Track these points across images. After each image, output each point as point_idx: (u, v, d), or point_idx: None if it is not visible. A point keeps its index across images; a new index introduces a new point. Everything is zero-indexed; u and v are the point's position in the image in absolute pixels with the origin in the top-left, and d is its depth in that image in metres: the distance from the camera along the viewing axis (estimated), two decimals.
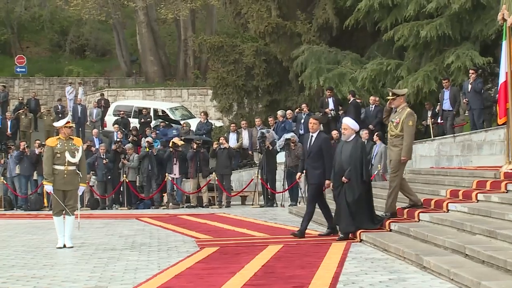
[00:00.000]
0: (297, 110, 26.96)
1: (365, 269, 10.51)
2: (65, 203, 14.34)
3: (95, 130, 31.86)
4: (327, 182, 14.33)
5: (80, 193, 14.82)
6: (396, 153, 14.26)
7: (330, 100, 25.44)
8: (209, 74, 34.37)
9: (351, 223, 13.81)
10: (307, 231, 14.54)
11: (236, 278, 9.94)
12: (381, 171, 21.85)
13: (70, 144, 14.48)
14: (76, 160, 14.38)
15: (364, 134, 22.71)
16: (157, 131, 29.66)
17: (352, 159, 13.80)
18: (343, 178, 13.80)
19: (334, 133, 23.48)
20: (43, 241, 15.79)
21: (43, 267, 11.73)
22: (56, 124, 15.31)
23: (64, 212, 14.35)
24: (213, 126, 30.88)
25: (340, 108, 25.32)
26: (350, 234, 13.89)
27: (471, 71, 21.61)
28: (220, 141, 25.01)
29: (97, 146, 27.04)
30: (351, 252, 12.30)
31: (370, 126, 23.58)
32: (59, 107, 37.88)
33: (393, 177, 14.31)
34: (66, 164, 14.31)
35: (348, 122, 14.27)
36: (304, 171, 14.95)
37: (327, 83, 25.97)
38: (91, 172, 24.89)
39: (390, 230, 13.60)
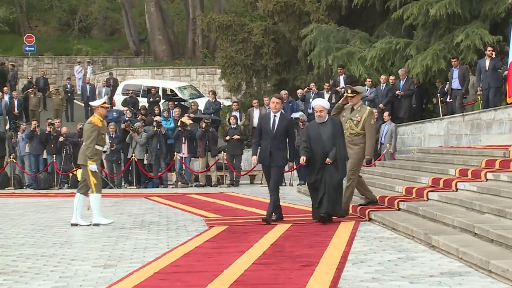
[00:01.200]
0: (305, 89, 26.89)
1: (373, 248, 10.51)
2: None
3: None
4: (290, 164, 14.40)
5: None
6: (356, 151, 14.24)
7: (341, 78, 25.36)
8: (217, 53, 34.29)
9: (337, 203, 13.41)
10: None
11: (245, 257, 9.95)
12: (390, 150, 21.82)
13: (105, 126, 14.83)
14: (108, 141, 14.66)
15: (374, 113, 22.70)
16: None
17: (336, 139, 13.38)
18: (328, 159, 13.28)
19: None
20: (52, 219, 15.84)
21: (53, 246, 11.76)
22: (92, 103, 15.40)
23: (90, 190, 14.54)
24: (221, 105, 30.84)
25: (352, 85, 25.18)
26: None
27: (489, 49, 21.39)
28: (231, 121, 25.06)
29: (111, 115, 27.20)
30: (359, 231, 12.30)
31: (380, 105, 23.51)
32: (68, 86, 37.88)
33: (351, 175, 14.23)
34: (105, 144, 14.78)
35: (323, 103, 13.83)
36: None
37: (336, 62, 25.89)
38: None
39: (399, 209, 13.59)
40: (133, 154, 24.91)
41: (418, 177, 15.92)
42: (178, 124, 25.28)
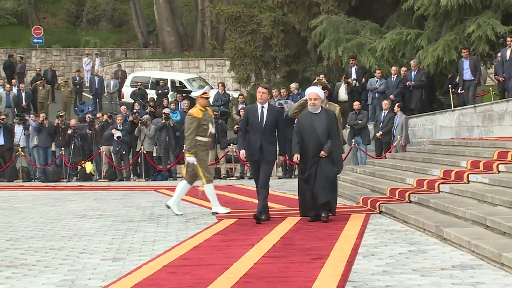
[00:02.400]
0: (315, 81, 26.80)
1: (384, 241, 10.49)
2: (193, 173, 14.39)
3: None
4: (281, 158, 13.47)
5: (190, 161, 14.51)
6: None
7: (353, 69, 25.30)
8: (226, 44, 34.29)
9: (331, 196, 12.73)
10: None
11: (255, 250, 9.94)
12: (401, 142, 21.77)
13: (208, 115, 14.38)
14: (214, 131, 14.33)
15: (385, 104, 22.67)
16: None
17: (331, 131, 12.76)
18: (322, 152, 12.65)
19: (356, 104, 23.43)
20: (61, 212, 15.86)
21: (61, 239, 11.78)
22: (193, 94, 15.10)
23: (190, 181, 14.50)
24: (230, 97, 30.83)
25: (364, 76, 25.12)
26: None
27: (508, 39, 21.25)
28: (240, 113, 25.01)
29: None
30: (370, 224, 12.28)
31: (391, 96, 23.45)
32: (77, 78, 37.91)
33: None
34: (208, 135, 14.35)
35: (317, 91, 13.17)
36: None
37: (346, 53, 25.82)
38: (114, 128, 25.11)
39: (410, 202, 13.56)
40: (142, 147, 24.92)
41: (429, 169, 15.87)
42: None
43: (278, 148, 13.37)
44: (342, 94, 25.26)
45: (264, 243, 10.50)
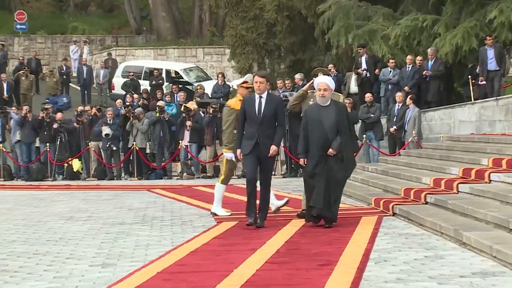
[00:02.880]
0: (316, 69, 26.73)
1: (398, 246, 10.49)
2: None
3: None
4: (273, 148, 12.59)
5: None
6: None
7: (363, 59, 25.28)
8: (226, 31, 34.26)
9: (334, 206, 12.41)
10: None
11: (257, 255, 9.94)
12: (416, 138, 21.76)
13: None
14: None
15: (399, 96, 22.66)
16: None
17: (342, 127, 12.33)
18: (330, 150, 12.25)
19: (368, 96, 23.41)
20: (46, 214, 15.87)
21: (46, 243, 11.78)
22: (234, 83, 14.87)
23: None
24: (231, 89, 30.84)
25: (376, 66, 25.08)
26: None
27: None
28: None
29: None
30: (383, 227, 12.28)
31: (406, 88, 23.44)
32: (64, 67, 37.97)
33: None
34: None
35: (328, 81, 12.69)
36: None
37: (357, 41, 25.80)
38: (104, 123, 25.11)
39: (426, 203, 13.56)
40: (134, 143, 24.92)
41: (447, 167, 15.87)
42: (182, 109, 25.27)
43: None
44: (353, 86, 25.27)
45: (267, 248, 10.50)
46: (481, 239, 9.72)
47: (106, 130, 24.92)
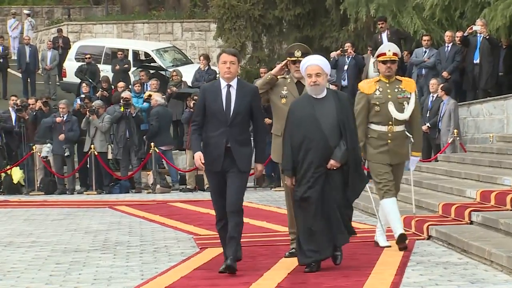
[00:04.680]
0: (338, 52, 26.80)
1: (434, 278, 10.52)
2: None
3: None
4: (258, 167, 11.66)
5: (411, 167, 13.56)
6: None
7: (384, 36, 25.27)
8: (212, 1, 34.29)
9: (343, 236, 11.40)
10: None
11: None
12: (458, 138, 21.75)
13: (396, 90, 12.87)
14: (405, 116, 12.76)
15: (433, 84, 22.51)
16: None
17: (346, 127, 11.28)
18: (332, 162, 11.14)
19: None
20: None
21: None
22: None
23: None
24: (217, 76, 30.88)
25: (401, 44, 25.05)
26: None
27: None
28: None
29: None
30: (415, 254, 12.32)
31: (444, 73, 23.44)
32: (0, 48, 37.92)
33: None
34: (390, 123, 12.79)
35: (320, 63, 11.59)
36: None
37: (381, 12, 25.85)
38: (47, 140, 25.05)
39: (471, 223, 13.61)
40: (92, 146, 24.90)
41: (498, 176, 15.92)
42: (144, 97, 25.34)
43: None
44: (371, 70, 25.17)
45: (265, 282, 10.54)
46: None
47: (44, 150, 25.08)
